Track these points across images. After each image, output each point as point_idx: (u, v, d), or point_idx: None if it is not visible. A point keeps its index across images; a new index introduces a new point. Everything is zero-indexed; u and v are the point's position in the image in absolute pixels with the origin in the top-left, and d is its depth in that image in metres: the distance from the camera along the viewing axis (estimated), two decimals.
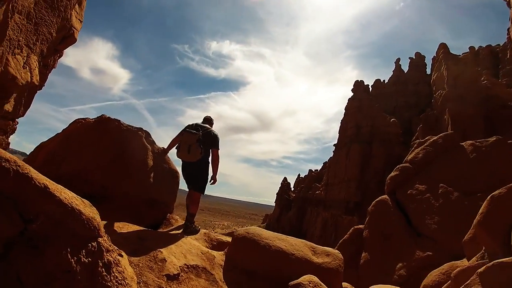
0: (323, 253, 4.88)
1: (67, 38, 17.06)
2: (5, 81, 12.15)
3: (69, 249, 2.50)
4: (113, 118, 6.35)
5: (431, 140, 10.94)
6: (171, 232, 5.45)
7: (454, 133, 11.20)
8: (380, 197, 10.03)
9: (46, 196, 2.48)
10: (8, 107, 15.03)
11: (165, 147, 6.71)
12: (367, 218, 9.74)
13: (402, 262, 8.22)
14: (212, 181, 6.11)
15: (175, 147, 6.05)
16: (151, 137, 6.64)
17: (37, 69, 13.85)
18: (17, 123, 18.10)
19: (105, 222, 4.54)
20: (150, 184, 6.03)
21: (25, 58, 13.02)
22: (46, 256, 2.39)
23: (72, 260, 2.49)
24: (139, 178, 5.97)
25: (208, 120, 6.54)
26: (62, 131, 6.35)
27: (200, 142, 5.69)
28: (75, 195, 2.81)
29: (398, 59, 72.34)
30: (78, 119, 6.34)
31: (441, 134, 11.02)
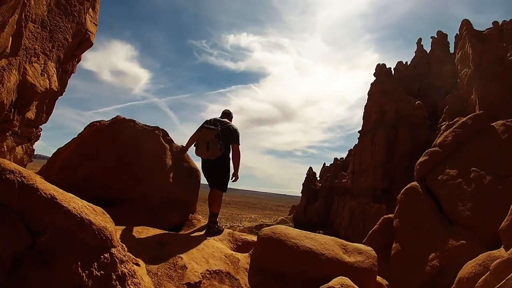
0: (355, 251, 4.60)
1: (83, 43, 17.22)
2: (24, 90, 12.32)
3: (79, 262, 2.37)
4: (128, 118, 6.15)
5: (460, 121, 10.49)
6: (193, 235, 5.28)
7: (483, 113, 10.69)
8: (409, 184, 9.66)
9: (53, 207, 2.36)
10: (30, 114, 15.29)
11: (184, 145, 6.50)
12: (396, 207, 9.39)
13: (434, 252, 7.88)
14: (233, 178, 5.88)
15: (193, 144, 5.88)
16: (168, 135, 6.44)
17: (55, 75, 13.97)
18: (41, 129, 18.42)
19: (123, 227, 4.43)
20: (169, 184, 5.83)
21: (43, 65, 13.16)
22: (56, 270, 2.28)
23: (84, 274, 2.37)
24: (158, 178, 5.81)
25: (227, 114, 6.28)
26: (78, 135, 6.26)
27: (219, 138, 5.47)
28: (86, 203, 2.68)
29: (420, 39, 69.95)
30: (93, 122, 6.22)
31: (470, 115, 10.54)
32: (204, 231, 5.50)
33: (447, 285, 6.57)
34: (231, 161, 5.83)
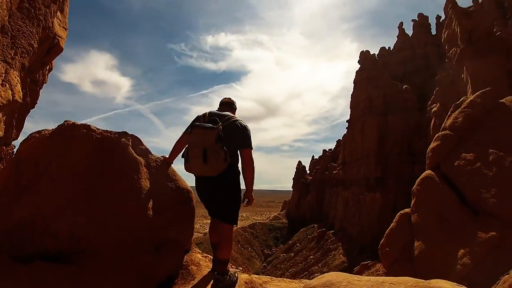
0: None
1: (52, 49, 16.05)
2: None
3: None
4: (79, 123, 4.20)
5: (468, 100, 9.64)
6: None
7: (492, 90, 9.85)
8: (424, 174, 8.72)
9: None
10: None
11: (167, 156, 4.52)
12: (412, 200, 8.45)
13: (463, 248, 6.97)
14: (246, 200, 4.02)
15: (181, 154, 3.95)
16: (142, 144, 4.45)
17: (19, 85, 12.87)
18: (14, 147, 17.15)
19: None
20: (148, 218, 3.91)
21: (3, 74, 12.07)
22: None
23: None
24: (130, 212, 3.87)
25: (227, 104, 4.40)
26: (15, 153, 4.41)
27: (222, 142, 3.64)
28: None
29: (401, 23, 69.82)
30: (32, 133, 4.26)
31: (477, 93, 9.68)
32: (209, 285, 3.74)
33: (484, 284, 5.76)
34: (240, 175, 4.01)
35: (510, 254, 6.38)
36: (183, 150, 3.92)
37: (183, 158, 3.81)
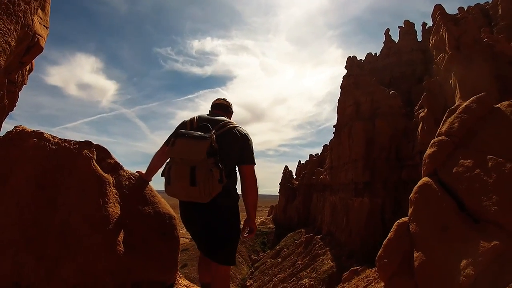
0: None
1: (32, 48, 15.52)
2: None
3: None
4: (30, 130, 3.22)
5: (463, 106, 9.38)
6: None
7: (487, 95, 9.64)
8: (421, 181, 8.40)
9: None
10: None
11: (143, 171, 3.57)
12: (410, 209, 8.13)
13: (466, 258, 6.66)
14: (247, 230, 3.36)
15: (161, 171, 3.02)
16: (111, 157, 3.48)
17: None
18: None
19: None
20: (118, 256, 2.99)
21: None
22: None
23: None
24: (94, 249, 2.93)
25: (222, 107, 3.58)
26: None
27: (216, 156, 2.75)
28: None
29: (388, 30, 71.17)
30: None
31: (472, 98, 9.41)
32: None
33: None
34: (240, 197, 3.22)
35: None
36: (163, 166, 3.04)
37: (164, 177, 2.93)
